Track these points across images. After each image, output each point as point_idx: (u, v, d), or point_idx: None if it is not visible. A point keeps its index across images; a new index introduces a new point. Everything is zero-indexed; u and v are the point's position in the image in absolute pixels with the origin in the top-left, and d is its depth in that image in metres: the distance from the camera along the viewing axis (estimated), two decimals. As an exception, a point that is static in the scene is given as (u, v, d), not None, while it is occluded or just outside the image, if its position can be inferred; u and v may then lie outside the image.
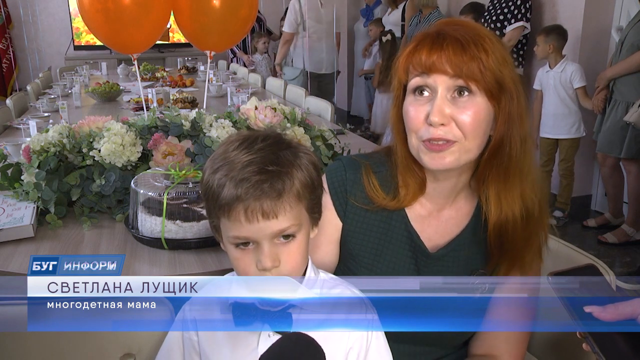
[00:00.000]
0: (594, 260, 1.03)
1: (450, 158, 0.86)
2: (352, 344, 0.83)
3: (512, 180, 0.88)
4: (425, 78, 0.85)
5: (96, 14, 1.85)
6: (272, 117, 1.70)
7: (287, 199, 0.75)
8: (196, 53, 6.00)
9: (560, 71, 3.22)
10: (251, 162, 0.75)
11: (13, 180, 1.52)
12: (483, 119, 0.85)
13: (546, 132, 3.32)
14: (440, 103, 0.83)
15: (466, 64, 0.82)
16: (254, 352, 0.81)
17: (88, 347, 0.90)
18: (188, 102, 3.17)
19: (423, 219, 0.97)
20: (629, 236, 3.09)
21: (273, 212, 0.74)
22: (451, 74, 0.83)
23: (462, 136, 0.84)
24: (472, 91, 0.83)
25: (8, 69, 6.28)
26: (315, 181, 0.80)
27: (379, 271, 0.96)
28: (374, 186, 0.95)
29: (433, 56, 0.83)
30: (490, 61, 0.83)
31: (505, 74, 0.84)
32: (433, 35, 0.86)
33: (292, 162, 0.77)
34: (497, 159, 0.88)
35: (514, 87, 0.86)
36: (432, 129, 0.84)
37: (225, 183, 0.74)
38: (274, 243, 0.76)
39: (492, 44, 0.84)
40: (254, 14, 2.15)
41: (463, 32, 0.84)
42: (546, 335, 1.12)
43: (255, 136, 0.79)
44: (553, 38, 3.19)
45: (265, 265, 0.76)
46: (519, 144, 0.87)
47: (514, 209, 0.89)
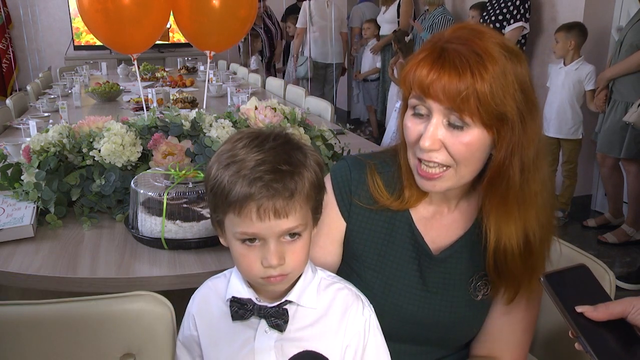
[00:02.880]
0: (593, 261, 1.03)
1: (443, 185, 0.85)
2: (349, 342, 0.83)
3: (511, 209, 0.85)
4: (422, 101, 0.83)
5: (96, 14, 1.85)
6: (272, 117, 1.70)
7: (298, 198, 0.75)
8: (196, 53, 6.01)
9: (574, 69, 3.18)
10: (264, 160, 0.75)
11: (13, 180, 1.52)
12: (477, 148, 0.82)
13: (549, 131, 3.29)
14: (434, 130, 0.81)
15: (460, 96, 0.78)
16: (250, 347, 0.81)
17: (88, 347, 0.90)
18: (188, 102, 3.17)
19: (427, 221, 0.96)
20: (629, 236, 3.09)
21: (284, 212, 0.74)
22: (445, 105, 0.80)
23: (454, 162, 0.83)
24: (467, 122, 0.80)
25: (8, 69, 6.28)
26: (321, 182, 0.81)
27: (382, 272, 0.95)
28: (379, 186, 0.95)
29: (431, 78, 0.80)
30: (487, 93, 0.77)
31: (507, 102, 0.79)
32: (436, 52, 0.81)
33: (303, 163, 0.78)
34: (494, 187, 0.85)
35: (517, 115, 0.80)
36: (425, 151, 0.83)
37: (237, 180, 0.74)
38: (280, 241, 0.76)
39: (494, 64, 0.78)
40: (254, 14, 2.15)
41: (464, 52, 0.79)
42: (546, 335, 1.12)
43: (266, 135, 0.79)
44: (575, 34, 3.14)
45: (271, 262, 0.76)
46: (518, 172, 0.83)
47: (511, 240, 0.86)
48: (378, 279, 0.95)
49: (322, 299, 0.84)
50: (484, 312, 0.97)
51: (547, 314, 1.07)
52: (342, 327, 0.83)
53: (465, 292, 0.95)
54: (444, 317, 0.94)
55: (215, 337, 0.85)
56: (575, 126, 3.23)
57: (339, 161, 1.02)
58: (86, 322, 0.89)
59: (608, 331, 0.70)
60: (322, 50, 5.31)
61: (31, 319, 0.87)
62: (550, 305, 1.02)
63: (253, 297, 0.82)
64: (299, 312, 0.82)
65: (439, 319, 0.95)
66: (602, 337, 0.70)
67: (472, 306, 0.95)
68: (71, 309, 0.89)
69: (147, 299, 0.91)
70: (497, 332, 0.97)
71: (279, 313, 0.81)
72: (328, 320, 0.83)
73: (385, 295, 0.94)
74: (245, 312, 0.81)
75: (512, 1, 3.61)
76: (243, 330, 0.82)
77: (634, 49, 2.90)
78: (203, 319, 0.87)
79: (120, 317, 0.90)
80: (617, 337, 0.70)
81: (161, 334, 0.92)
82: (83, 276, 1.15)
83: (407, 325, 0.95)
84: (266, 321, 0.81)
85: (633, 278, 2.67)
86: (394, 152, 0.97)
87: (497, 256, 0.88)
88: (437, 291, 0.95)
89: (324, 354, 0.81)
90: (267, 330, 0.81)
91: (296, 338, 0.81)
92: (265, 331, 0.81)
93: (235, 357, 0.82)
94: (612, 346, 0.69)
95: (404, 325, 0.95)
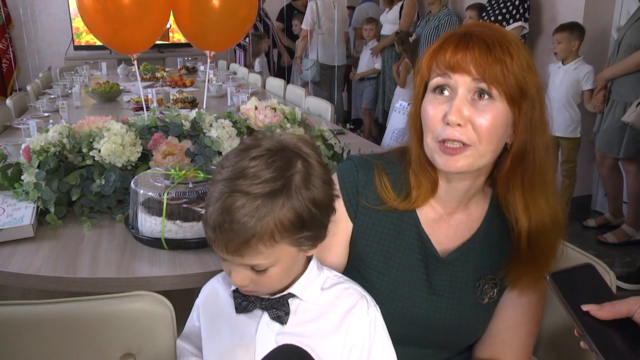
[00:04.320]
0: (593, 260, 1.03)
1: (464, 162, 0.85)
2: (354, 342, 0.82)
3: (538, 188, 0.88)
4: (447, 78, 0.84)
5: (96, 14, 1.85)
6: (272, 117, 1.70)
7: (254, 244, 0.73)
8: (196, 53, 6.01)
9: (573, 69, 3.18)
10: (236, 199, 0.72)
11: (13, 180, 1.52)
12: (500, 124, 0.83)
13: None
14: (460, 103, 0.82)
15: (490, 65, 0.81)
16: (251, 339, 0.82)
17: (88, 347, 0.90)
18: (188, 102, 3.17)
19: (434, 222, 0.96)
20: (629, 236, 3.09)
21: (237, 252, 0.74)
22: (474, 75, 0.82)
23: (477, 140, 0.83)
24: (492, 95, 0.82)
25: (8, 69, 6.28)
26: (307, 219, 0.75)
27: (389, 274, 0.95)
28: (386, 187, 0.94)
29: (458, 55, 0.82)
30: (514, 65, 0.81)
31: (528, 80, 0.83)
32: (460, 34, 0.85)
33: (282, 205, 0.73)
34: (520, 167, 0.87)
35: (537, 95, 0.84)
36: (448, 129, 0.83)
37: (210, 205, 0.75)
38: (245, 267, 0.77)
39: (517, 49, 0.83)
40: (254, 14, 2.15)
41: (490, 34, 0.83)
42: (547, 335, 1.12)
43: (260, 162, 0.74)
44: (577, 36, 3.13)
45: (234, 283, 0.78)
46: (543, 151, 0.86)
47: (543, 217, 0.88)
48: (384, 281, 0.94)
49: (325, 296, 0.84)
50: (489, 316, 0.97)
51: (550, 316, 1.07)
52: (345, 326, 0.82)
53: (472, 295, 0.94)
54: (450, 320, 0.94)
55: (217, 327, 0.86)
56: (573, 125, 3.23)
57: (346, 161, 1.01)
58: (86, 322, 0.89)
59: (614, 330, 0.70)
60: (330, 53, 5.32)
61: (31, 319, 0.88)
62: (553, 307, 1.03)
63: None
64: (301, 306, 0.83)
65: (444, 322, 0.94)
66: (607, 335, 0.70)
67: (478, 309, 0.95)
68: (71, 309, 0.89)
69: (147, 299, 0.91)
70: (501, 335, 0.97)
71: (280, 304, 0.81)
72: (330, 317, 0.83)
73: (391, 298, 0.94)
74: (248, 304, 0.82)
75: (511, 1, 3.61)
76: (245, 323, 0.83)
77: (632, 49, 2.89)
78: (207, 310, 0.88)
79: (120, 317, 0.90)
80: (623, 336, 0.70)
81: (161, 334, 0.92)
82: (83, 276, 1.15)
83: (411, 327, 0.95)
84: (268, 313, 0.81)
85: (633, 278, 2.68)
86: (401, 152, 0.97)
87: (531, 237, 0.89)
88: (443, 294, 0.94)
89: (325, 351, 0.81)
90: (269, 323, 0.82)
91: (297, 333, 0.81)
92: (267, 324, 0.82)
93: (235, 348, 0.83)
94: (618, 345, 0.69)
95: (408, 327, 0.95)
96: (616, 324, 0.70)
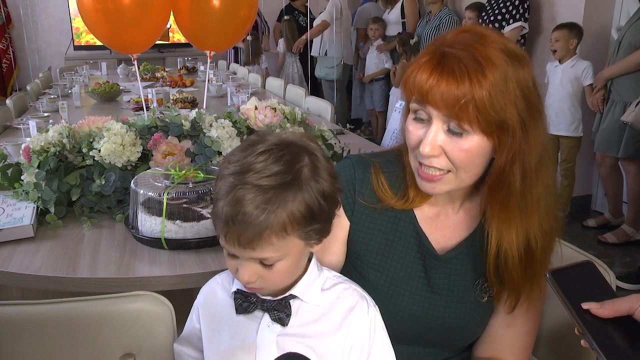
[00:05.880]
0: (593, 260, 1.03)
1: (443, 187, 0.85)
2: (354, 341, 0.82)
3: (512, 215, 0.85)
4: (422, 105, 0.83)
5: (96, 14, 1.85)
6: (272, 117, 1.70)
7: (267, 236, 0.73)
8: (196, 53, 6.01)
9: (570, 67, 3.18)
10: (245, 192, 0.72)
11: (13, 180, 1.53)
12: (477, 154, 0.82)
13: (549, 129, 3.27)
14: (433, 135, 0.81)
15: (459, 104, 0.77)
16: (252, 340, 0.81)
17: (88, 347, 0.90)
18: (188, 102, 3.17)
19: (431, 221, 0.96)
20: (629, 236, 3.09)
21: (249, 244, 0.73)
22: (444, 112, 0.79)
23: (454, 167, 0.83)
24: (466, 130, 0.80)
25: (8, 69, 6.27)
26: (316, 212, 0.76)
27: (387, 272, 0.95)
28: (383, 186, 0.94)
29: (430, 84, 0.79)
30: (485, 100, 0.76)
31: (507, 110, 0.78)
32: (438, 57, 0.81)
33: (294, 196, 0.73)
34: (495, 193, 0.85)
35: (518, 122, 0.79)
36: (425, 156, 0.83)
37: (219, 199, 0.75)
38: (254, 262, 0.76)
39: (494, 71, 0.77)
40: (254, 13, 2.15)
41: (465, 58, 0.78)
42: (547, 334, 1.12)
43: (277, 156, 0.75)
44: (575, 35, 3.13)
45: (242, 279, 0.77)
46: (519, 179, 0.82)
47: (512, 247, 0.86)
48: (382, 280, 0.94)
49: (326, 297, 0.84)
50: (489, 314, 0.97)
51: (550, 315, 1.07)
52: (346, 326, 0.82)
53: (470, 294, 0.94)
54: (449, 318, 0.94)
55: (217, 329, 0.85)
56: (575, 123, 3.23)
57: (344, 160, 1.01)
58: (86, 322, 0.89)
59: (614, 328, 0.70)
60: (347, 51, 5.41)
61: (31, 319, 0.88)
62: (552, 306, 1.03)
63: None
64: (302, 307, 0.83)
65: (443, 321, 0.94)
66: (608, 334, 0.69)
67: (478, 308, 0.95)
68: (71, 309, 0.89)
69: (147, 299, 0.91)
70: (501, 334, 0.96)
71: (282, 306, 0.81)
72: (331, 318, 0.83)
73: (389, 296, 0.94)
74: (249, 305, 0.82)
75: (511, 1, 3.61)
76: (246, 324, 0.83)
77: (632, 49, 2.89)
78: (207, 311, 0.88)
79: (120, 317, 0.90)
80: (624, 334, 0.70)
81: (161, 334, 0.92)
82: (83, 276, 1.15)
83: (410, 326, 0.95)
84: (269, 315, 0.81)
85: (633, 278, 2.68)
86: (398, 152, 0.97)
87: (498, 262, 0.88)
88: (442, 292, 0.94)
89: (325, 351, 0.81)
90: (270, 325, 0.81)
91: (298, 334, 0.81)
92: (268, 325, 0.81)
93: (236, 350, 0.82)
94: (619, 343, 0.69)
95: (407, 326, 0.94)
96: (617, 322, 0.70)
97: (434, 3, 4.50)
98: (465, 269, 0.95)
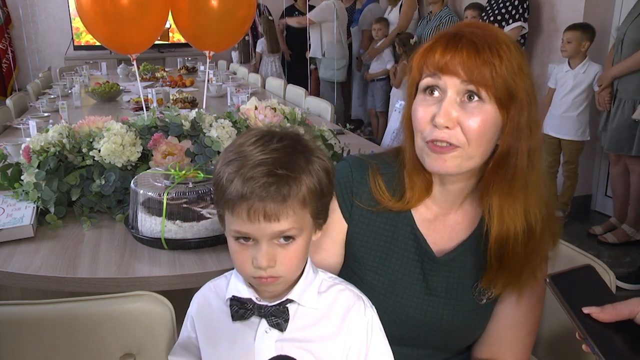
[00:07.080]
0: (593, 261, 1.03)
1: (452, 162, 0.84)
2: (352, 343, 0.82)
3: (516, 193, 0.86)
4: (436, 79, 0.84)
5: (95, 16, 1.85)
6: (272, 117, 1.70)
7: (292, 203, 0.75)
8: (196, 53, 6.00)
9: (582, 72, 3.13)
10: (263, 162, 0.74)
11: (13, 180, 1.53)
12: (489, 127, 0.83)
13: (551, 130, 3.26)
14: (448, 105, 0.82)
15: (478, 68, 0.80)
16: (250, 347, 0.81)
17: (88, 347, 0.90)
18: (188, 102, 3.18)
19: (429, 223, 0.95)
20: (629, 236, 3.08)
21: (275, 215, 0.74)
22: (462, 78, 0.81)
23: (465, 142, 0.83)
24: (481, 97, 0.82)
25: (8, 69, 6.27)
26: (324, 188, 0.79)
27: (385, 274, 0.94)
28: (380, 187, 0.94)
29: (446, 56, 0.82)
30: (503, 68, 0.81)
31: (518, 83, 0.82)
32: (450, 35, 0.84)
33: (303, 168, 0.77)
34: (502, 170, 0.86)
35: (526, 98, 0.83)
36: (436, 130, 0.83)
37: (234, 179, 0.74)
38: (272, 243, 0.76)
39: (508, 51, 0.82)
40: (253, 13, 2.15)
41: (480, 35, 0.82)
42: (547, 335, 1.12)
43: (273, 134, 0.79)
44: (588, 37, 3.07)
45: (261, 263, 0.75)
46: (526, 156, 0.85)
47: (516, 224, 0.87)
48: (380, 282, 0.94)
49: (323, 299, 0.84)
50: (487, 316, 0.97)
51: (550, 316, 1.07)
52: (344, 328, 0.82)
53: (469, 296, 0.94)
54: (448, 320, 0.94)
55: (214, 337, 0.84)
56: (582, 128, 3.20)
57: (341, 161, 1.01)
58: (86, 322, 0.89)
59: (616, 332, 0.69)
60: (345, 52, 5.42)
61: (31, 319, 0.88)
62: (552, 307, 1.03)
63: (253, 296, 0.82)
64: (299, 311, 0.82)
65: (442, 323, 0.94)
66: (609, 338, 0.69)
67: (476, 310, 0.95)
68: (71, 309, 0.89)
69: (147, 299, 0.91)
70: (500, 335, 0.96)
71: (280, 311, 0.80)
72: (329, 321, 0.83)
73: (387, 298, 0.94)
74: (245, 312, 0.81)
75: (510, 1, 3.61)
76: (243, 331, 0.82)
77: (635, 45, 2.85)
78: (202, 320, 0.87)
79: (120, 317, 0.90)
80: (625, 338, 0.69)
81: (161, 334, 0.92)
82: (83, 276, 1.15)
83: (409, 328, 0.94)
84: (266, 320, 0.80)
85: (633, 278, 2.67)
86: (396, 153, 0.97)
87: (500, 243, 0.88)
88: (440, 294, 0.94)
89: (324, 354, 0.81)
90: (268, 330, 0.81)
91: (297, 338, 0.81)
92: (266, 331, 0.81)
93: (235, 358, 0.82)
94: (620, 347, 0.69)
95: (406, 328, 0.94)
96: (618, 326, 0.70)
97: (434, 3, 4.51)
98: (463, 271, 0.94)
